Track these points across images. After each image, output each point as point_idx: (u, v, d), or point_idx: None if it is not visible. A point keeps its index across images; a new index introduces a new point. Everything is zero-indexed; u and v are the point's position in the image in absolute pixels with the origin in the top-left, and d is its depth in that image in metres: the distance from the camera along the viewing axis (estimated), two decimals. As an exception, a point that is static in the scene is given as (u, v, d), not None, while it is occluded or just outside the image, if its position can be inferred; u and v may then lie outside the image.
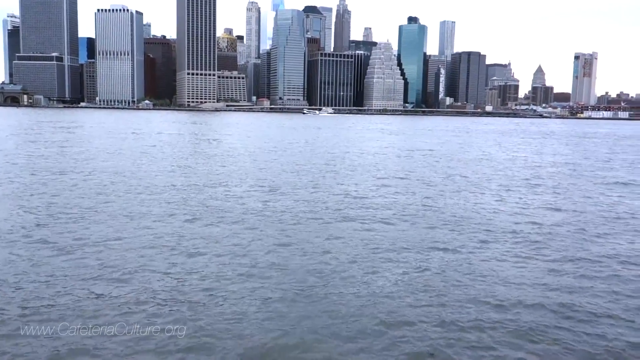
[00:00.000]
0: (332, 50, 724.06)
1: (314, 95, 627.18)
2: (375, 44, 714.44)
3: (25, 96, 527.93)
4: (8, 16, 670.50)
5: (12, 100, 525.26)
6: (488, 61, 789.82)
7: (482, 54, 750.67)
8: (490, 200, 39.89)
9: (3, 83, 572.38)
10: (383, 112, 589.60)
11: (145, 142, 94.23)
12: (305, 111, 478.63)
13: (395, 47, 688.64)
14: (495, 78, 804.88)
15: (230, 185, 44.90)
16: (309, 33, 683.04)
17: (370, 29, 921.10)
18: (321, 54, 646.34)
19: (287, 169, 57.03)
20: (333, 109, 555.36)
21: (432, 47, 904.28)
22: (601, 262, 23.80)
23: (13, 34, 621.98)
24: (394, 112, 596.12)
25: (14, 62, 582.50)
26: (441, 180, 50.85)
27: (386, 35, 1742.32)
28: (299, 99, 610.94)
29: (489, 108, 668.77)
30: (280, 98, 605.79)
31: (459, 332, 16.24)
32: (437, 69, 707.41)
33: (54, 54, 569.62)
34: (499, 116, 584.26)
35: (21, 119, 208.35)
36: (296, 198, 38.87)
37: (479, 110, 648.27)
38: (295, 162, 65.49)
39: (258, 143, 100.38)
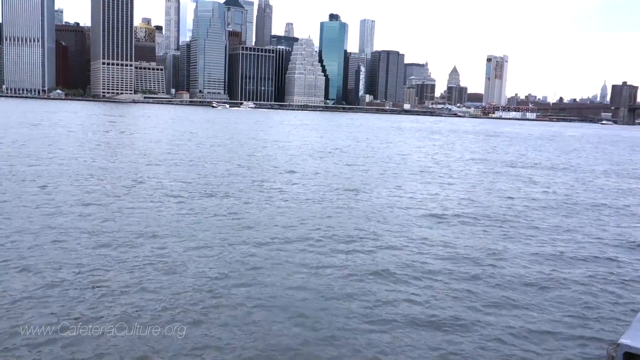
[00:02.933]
0: (253, 44, 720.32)
1: (235, 89, 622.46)
2: (296, 39, 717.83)
3: None
4: None
5: None
6: (406, 60, 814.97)
7: (400, 53, 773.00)
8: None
9: None
10: (304, 107, 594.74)
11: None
12: (214, 104, 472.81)
13: (316, 43, 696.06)
14: (413, 77, 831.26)
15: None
16: (230, 26, 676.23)
17: (292, 24, 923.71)
18: (242, 47, 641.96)
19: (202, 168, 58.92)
20: (254, 103, 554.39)
21: (352, 45, 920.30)
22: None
23: None
24: (315, 108, 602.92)
25: None
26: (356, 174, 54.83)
27: (308, 31, 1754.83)
28: (219, 93, 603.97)
29: (407, 106, 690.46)
30: (200, 91, 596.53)
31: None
32: (357, 66, 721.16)
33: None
34: (417, 114, 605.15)
35: None
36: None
37: (397, 108, 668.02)
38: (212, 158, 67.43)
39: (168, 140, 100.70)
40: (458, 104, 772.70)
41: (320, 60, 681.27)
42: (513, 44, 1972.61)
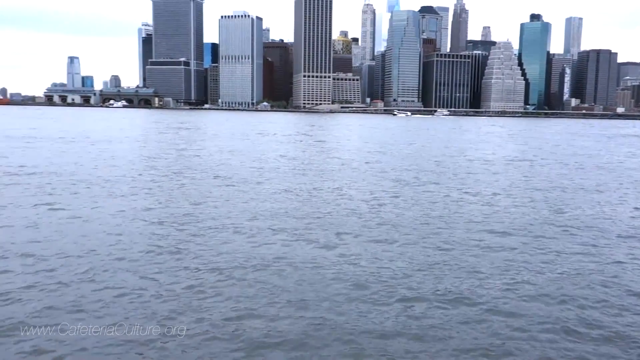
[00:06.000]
0: (448, 50, 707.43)
1: (429, 97, 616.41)
2: (494, 43, 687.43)
3: (156, 99, 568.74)
4: (142, 25, 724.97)
5: (145, 103, 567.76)
6: (619, 59, 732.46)
7: (613, 51, 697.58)
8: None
9: (137, 87, 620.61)
10: (501, 114, 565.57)
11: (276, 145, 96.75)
12: (395, 113, 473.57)
13: (515, 46, 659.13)
14: (627, 77, 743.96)
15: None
16: (424, 34, 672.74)
17: (488, 28, 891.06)
18: (437, 54, 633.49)
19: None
20: (449, 110, 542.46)
21: (556, 46, 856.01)
22: None
23: (147, 41, 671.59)
24: (513, 114, 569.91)
25: (146, 67, 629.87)
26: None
27: (506, 34, 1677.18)
28: (413, 101, 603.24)
29: (620, 110, 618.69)
30: (395, 100, 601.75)
31: None
32: (561, 68, 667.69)
33: (182, 59, 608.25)
34: (633, 118, 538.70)
35: (157, 118, 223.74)
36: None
37: (608, 112, 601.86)
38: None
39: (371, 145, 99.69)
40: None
41: (520, 64, 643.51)
42: None
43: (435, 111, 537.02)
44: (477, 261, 22.51)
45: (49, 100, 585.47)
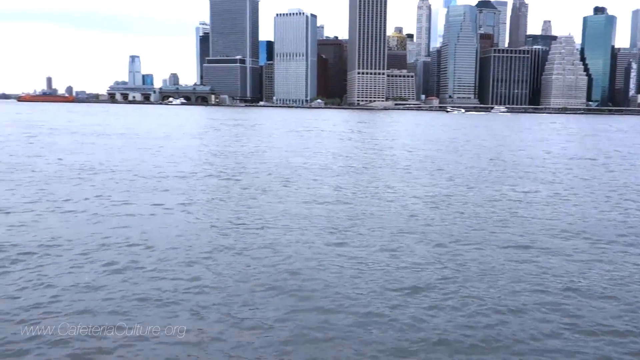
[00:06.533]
0: (506, 45, 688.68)
1: (485, 94, 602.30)
2: (554, 37, 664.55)
3: (212, 96, 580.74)
4: (200, 24, 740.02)
5: (202, 100, 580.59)
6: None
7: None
8: None
9: (195, 84, 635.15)
10: (562, 111, 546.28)
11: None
12: (448, 109, 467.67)
13: (578, 40, 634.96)
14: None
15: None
16: (481, 29, 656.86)
17: (549, 22, 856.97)
18: (494, 50, 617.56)
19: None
20: (506, 107, 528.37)
21: (621, 40, 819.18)
22: None
23: (204, 40, 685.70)
24: (574, 111, 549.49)
25: (204, 65, 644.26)
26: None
27: (568, 28, 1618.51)
28: (469, 97, 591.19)
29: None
30: (450, 96, 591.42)
31: None
32: (627, 63, 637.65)
33: (238, 57, 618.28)
34: None
35: (214, 115, 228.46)
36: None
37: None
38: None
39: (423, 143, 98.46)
40: None
41: (582, 59, 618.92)
42: None
43: (492, 108, 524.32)
44: (542, 265, 22.14)
45: (111, 98, 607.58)
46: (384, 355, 14.32)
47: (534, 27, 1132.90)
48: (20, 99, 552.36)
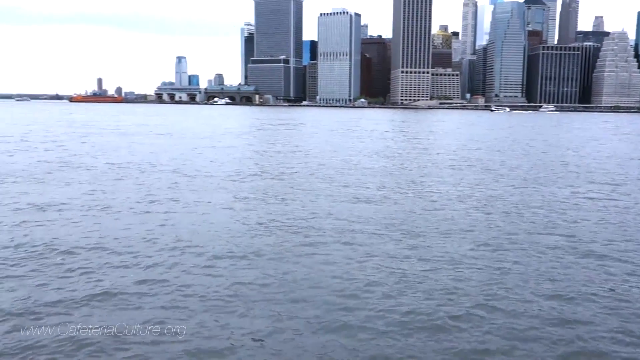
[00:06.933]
0: (555, 42, 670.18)
1: (533, 92, 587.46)
2: (607, 34, 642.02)
3: (257, 96, 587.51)
4: (245, 24, 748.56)
5: (246, 100, 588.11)
6: None
7: None
8: None
9: (240, 84, 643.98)
10: (615, 109, 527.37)
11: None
12: (492, 108, 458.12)
13: (631, 36, 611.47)
14: None
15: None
16: (530, 25, 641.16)
17: (601, 17, 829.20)
18: (543, 47, 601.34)
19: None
20: (555, 106, 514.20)
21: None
22: None
23: (249, 40, 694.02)
24: (628, 109, 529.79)
25: (248, 65, 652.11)
26: None
27: (621, 24, 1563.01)
28: (516, 96, 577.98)
29: None
30: (496, 95, 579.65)
31: None
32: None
33: (282, 57, 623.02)
34: None
35: (258, 115, 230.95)
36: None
37: None
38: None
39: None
40: None
41: (637, 56, 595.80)
42: None
43: (540, 107, 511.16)
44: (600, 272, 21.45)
45: (158, 98, 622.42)
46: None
47: (585, 23, 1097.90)
48: (72, 99, 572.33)
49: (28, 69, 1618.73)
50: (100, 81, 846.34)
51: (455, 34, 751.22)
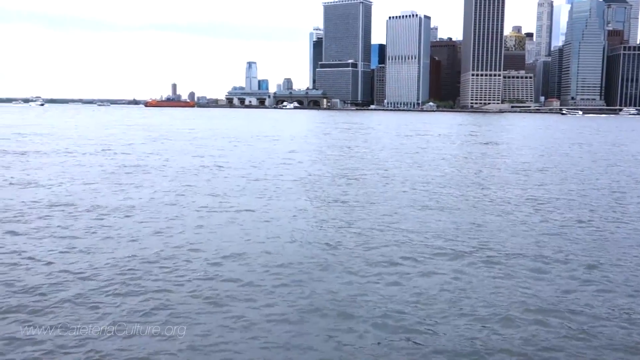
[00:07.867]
0: (638, 42, 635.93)
1: (613, 95, 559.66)
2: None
3: (324, 100, 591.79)
4: (314, 29, 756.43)
5: (314, 104, 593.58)
6: None
7: None
8: None
9: (308, 89, 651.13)
10: None
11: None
12: (564, 112, 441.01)
13: None
14: None
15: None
16: (609, 25, 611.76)
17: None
18: (624, 47, 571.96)
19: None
20: (637, 109, 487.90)
21: None
22: None
23: (317, 45, 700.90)
24: None
25: (316, 69, 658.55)
26: None
27: None
28: (594, 99, 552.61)
29: None
30: (573, 98, 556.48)
31: None
32: None
33: (350, 61, 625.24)
34: None
35: (326, 119, 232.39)
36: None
37: None
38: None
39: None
40: None
41: None
42: None
43: (621, 110, 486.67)
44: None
45: (229, 103, 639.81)
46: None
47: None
48: (147, 104, 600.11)
49: (108, 76, 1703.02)
50: (174, 87, 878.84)
51: (529, 35, 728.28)
